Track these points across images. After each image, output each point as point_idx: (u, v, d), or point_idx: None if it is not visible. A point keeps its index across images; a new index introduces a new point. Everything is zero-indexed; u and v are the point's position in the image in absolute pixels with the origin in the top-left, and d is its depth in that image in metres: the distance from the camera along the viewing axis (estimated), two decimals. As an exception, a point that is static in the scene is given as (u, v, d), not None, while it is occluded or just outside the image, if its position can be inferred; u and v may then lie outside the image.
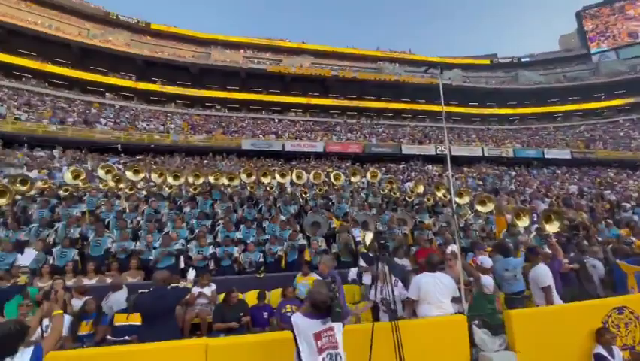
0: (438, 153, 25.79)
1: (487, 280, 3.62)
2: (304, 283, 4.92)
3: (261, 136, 26.28)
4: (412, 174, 20.09)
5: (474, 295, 3.56)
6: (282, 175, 10.47)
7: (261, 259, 6.13)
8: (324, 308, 2.20)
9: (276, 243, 6.29)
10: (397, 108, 35.86)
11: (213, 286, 5.06)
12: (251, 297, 5.01)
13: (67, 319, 3.64)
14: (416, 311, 3.20)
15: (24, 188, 7.70)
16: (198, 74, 32.09)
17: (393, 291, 2.79)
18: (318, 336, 2.15)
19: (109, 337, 4.09)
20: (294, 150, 24.75)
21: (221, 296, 4.78)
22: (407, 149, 26.51)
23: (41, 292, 3.56)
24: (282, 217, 7.56)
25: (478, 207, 7.80)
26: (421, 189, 10.19)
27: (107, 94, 28.71)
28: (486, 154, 26.77)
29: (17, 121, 19.89)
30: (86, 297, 4.36)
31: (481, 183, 17.32)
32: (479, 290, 3.59)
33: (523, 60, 43.52)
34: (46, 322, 3.02)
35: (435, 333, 3.03)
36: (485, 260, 3.83)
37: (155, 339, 2.86)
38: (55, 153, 18.14)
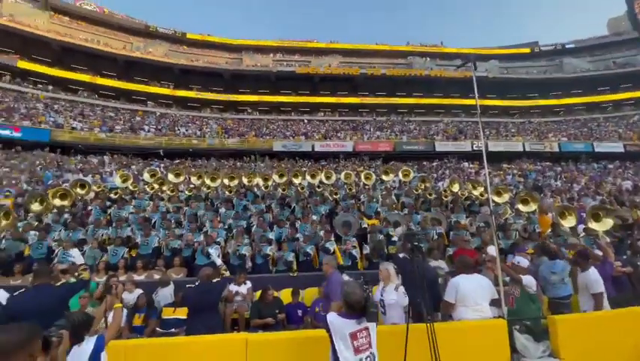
0: (474, 149, 24.67)
1: (529, 280, 3.46)
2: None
3: (291, 138, 26.73)
4: (447, 171, 19.40)
5: (517, 297, 3.41)
6: (313, 176, 10.64)
7: (292, 259, 6.27)
8: (359, 308, 2.24)
9: (308, 242, 6.41)
10: (429, 104, 34.76)
11: (249, 284, 5.28)
12: (285, 295, 5.16)
13: (125, 312, 4.00)
14: (452, 315, 3.13)
15: (82, 191, 8.52)
16: (231, 80, 33.30)
17: (424, 294, 2.76)
18: (354, 336, 2.19)
19: (158, 329, 4.44)
20: (323, 150, 24.93)
21: (258, 294, 4.99)
22: (441, 146, 25.64)
23: (101, 286, 3.93)
24: (314, 217, 7.69)
25: (520, 207, 7.40)
26: (456, 187, 9.85)
27: (148, 102, 30.72)
28: (527, 149, 25.18)
29: (73, 131, 21.93)
30: (138, 291, 4.75)
31: (522, 180, 16.32)
32: (522, 291, 3.43)
33: (567, 47, 40.16)
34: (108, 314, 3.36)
35: (473, 337, 2.96)
36: (522, 260, 3.66)
37: (201, 331, 3.09)
38: (106, 158, 19.75)
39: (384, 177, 10.84)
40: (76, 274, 4.20)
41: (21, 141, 19.53)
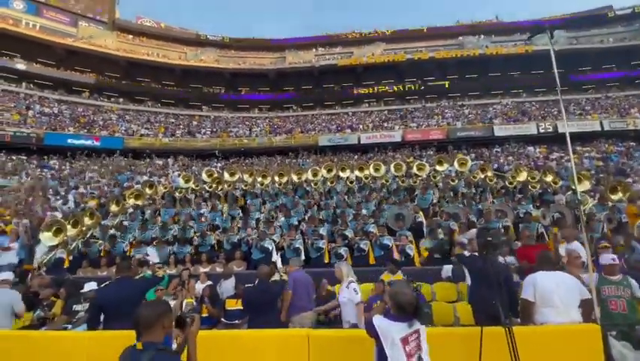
0: (540, 131, 22.20)
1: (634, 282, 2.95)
2: (390, 281, 4.81)
3: (335, 132, 26.64)
4: (509, 158, 17.73)
5: (629, 300, 2.91)
6: (361, 169, 10.41)
7: (343, 252, 6.17)
8: (410, 310, 2.08)
9: (362, 237, 6.29)
10: (484, 85, 32.00)
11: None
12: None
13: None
14: (534, 317, 2.77)
15: (151, 191, 9.40)
16: (276, 79, 34.16)
17: (501, 294, 2.48)
18: (405, 341, 2.03)
19: (223, 319, 4.70)
20: (370, 142, 24.41)
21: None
22: (501, 130, 23.50)
23: (175, 280, 4.27)
24: (364, 212, 7.53)
25: (612, 196, 6.44)
26: (523, 175, 8.91)
27: (203, 107, 32.90)
28: (606, 128, 21.95)
29: (142, 137, 24.39)
30: (208, 282, 5.10)
31: (601, 163, 14.26)
32: (633, 293, 2.93)
33: (650, 7, 33.78)
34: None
35: (560, 344, 2.60)
36: (607, 258, 3.14)
37: (261, 328, 3.17)
38: (170, 161, 21.64)
39: (438, 167, 10.21)
40: (151, 271, 4.63)
41: (100, 149, 22.28)
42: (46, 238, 6.41)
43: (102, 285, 3.30)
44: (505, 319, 2.31)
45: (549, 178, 8.35)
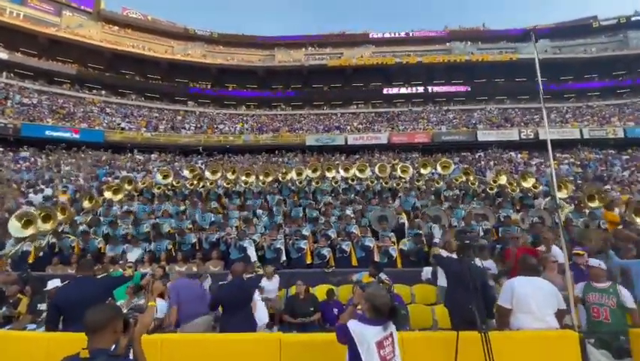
0: (522, 137, 22.78)
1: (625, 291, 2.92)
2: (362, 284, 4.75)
3: (323, 132, 26.58)
4: (491, 162, 18.09)
5: (612, 309, 2.88)
6: (346, 170, 10.37)
7: (326, 253, 6.08)
8: (387, 312, 2.00)
9: (345, 238, 6.21)
10: (469, 91, 32.65)
11: (277, 278, 5.19)
12: (320, 292, 5.03)
13: (164, 305, 4.08)
14: (510, 323, 2.73)
15: (130, 187, 9.06)
16: (264, 76, 33.80)
17: (477, 298, 2.44)
18: (380, 345, 1.95)
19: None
20: (357, 144, 24.47)
21: (293, 288, 4.91)
22: (484, 135, 24.00)
23: (145, 279, 4.07)
24: (348, 212, 7.46)
25: (589, 203, 6.58)
26: (503, 179, 9.06)
27: (188, 102, 32.19)
28: (586, 136, 22.71)
29: (123, 131, 23.62)
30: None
31: (580, 170, 14.72)
32: (618, 302, 2.91)
33: (633, 19, 35.24)
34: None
35: (536, 350, 2.56)
36: (594, 261, 3.15)
37: (234, 328, 3.03)
38: (152, 156, 21.03)
39: (422, 170, 10.27)
40: (121, 269, 4.42)
41: (79, 142, 21.44)
42: (15, 229, 6.06)
43: (61, 285, 3.08)
44: (482, 324, 2.26)
45: (529, 183, 8.50)
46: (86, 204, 7.88)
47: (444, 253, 3.57)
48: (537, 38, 3.74)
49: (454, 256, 3.50)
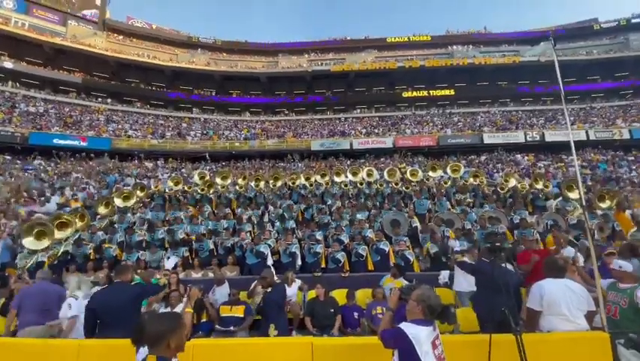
0: (528, 140, 22.75)
1: None
2: (392, 285, 4.76)
3: (327, 137, 26.69)
4: (498, 165, 18.07)
5: (622, 308, 2.91)
6: (354, 174, 10.42)
7: (340, 257, 6.08)
8: (440, 312, 2.04)
9: (360, 242, 6.23)
10: (473, 95, 32.72)
11: (299, 283, 5.22)
12: (339, 296, 5.04)
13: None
14: (540, 325, 2.75)
15: (142, 194, 9.14)
16: (268, 83, 34.07)
17: (510, 301, 2.46)
18: (434, 345, 1.98)
19: (217, 326, 4.55)
20: (362, 148, 24.54)
21: (311, 293, 4.93)
22: (489, 138, 23.98)
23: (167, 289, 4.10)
24: (359, 216, 7.49)
25: (600, 204, 6.57)
26: (512, 181, 9.06)
27: (193, 109, 32.47)
28: (592, 137, 22.65)
29: (130, 138, 23.83)
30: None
31: (589, 172, 14.67)
32: (630, 301, 2.92)
33: (634, 21, 35.31)
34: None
35: (568, 352, 2.58)
36: (625, 264, 3.15)
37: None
38: (159, 163, 21.18)
39: (431, 174, 10.30)
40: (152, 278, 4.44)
41: (87, 149, 21.66)
42: (29, 243, 6.10)
43: (98, 289, 3.12)
44: (516, 326, 2.28)
45: (540, 185, 8.50)
46: (102, 210, 7.95)
47: (467, 260, 3.58)
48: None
49: (473, 262, 3.51)
